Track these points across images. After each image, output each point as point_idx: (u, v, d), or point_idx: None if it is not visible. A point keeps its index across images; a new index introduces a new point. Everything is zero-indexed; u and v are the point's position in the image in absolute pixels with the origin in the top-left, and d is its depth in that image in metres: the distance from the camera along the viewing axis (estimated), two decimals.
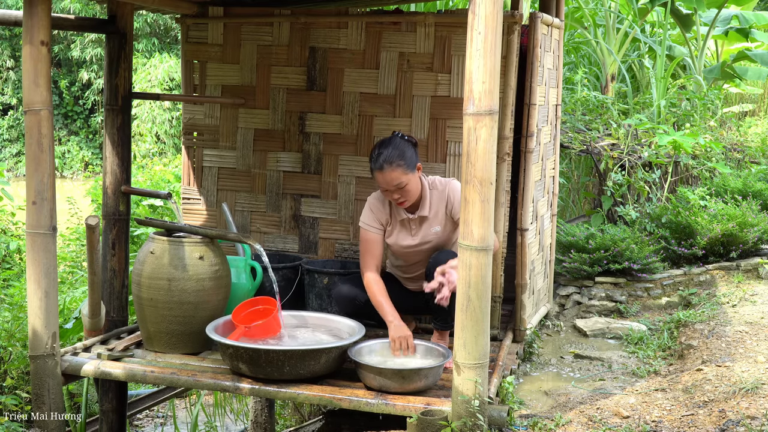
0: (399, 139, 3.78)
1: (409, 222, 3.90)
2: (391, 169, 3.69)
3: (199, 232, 3.86)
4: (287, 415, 5.95)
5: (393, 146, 3.73)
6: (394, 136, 3.81)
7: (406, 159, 3.72)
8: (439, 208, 3.86)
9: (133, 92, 4.36)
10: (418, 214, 3.86)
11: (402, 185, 3.73)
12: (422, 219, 3.88)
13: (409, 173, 3.73)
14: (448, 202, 3.84)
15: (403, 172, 3.71)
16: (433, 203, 3.86)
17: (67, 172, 19.12)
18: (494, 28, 2.91)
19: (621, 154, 6.76)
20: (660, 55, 8.37)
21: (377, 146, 3.77)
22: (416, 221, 3.89)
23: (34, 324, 3.53)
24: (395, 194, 3.76)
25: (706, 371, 3.87)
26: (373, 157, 3.75)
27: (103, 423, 4.38)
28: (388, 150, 3.72)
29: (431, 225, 3.88)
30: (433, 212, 3.86)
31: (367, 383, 3.39)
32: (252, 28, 4.62)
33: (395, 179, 3.71)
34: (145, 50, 18.05)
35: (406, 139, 3.81)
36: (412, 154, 3.76)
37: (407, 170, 3.72)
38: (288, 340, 3.70)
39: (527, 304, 4.44)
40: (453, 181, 3.90)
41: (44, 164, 3.46)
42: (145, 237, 6.69)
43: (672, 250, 5.91)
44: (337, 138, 4.55)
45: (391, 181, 3.71)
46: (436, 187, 3.87)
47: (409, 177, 3.73)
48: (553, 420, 3.49)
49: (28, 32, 3.39)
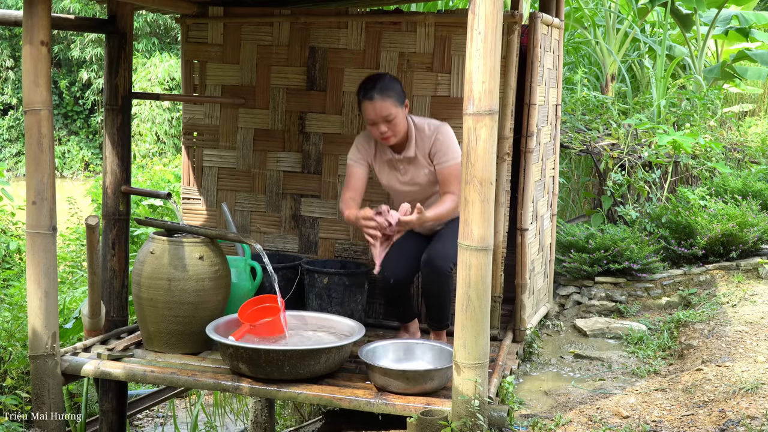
0: (388, 76, 3.84)
1: (397, 162, 3.92)
2: (381, 99, 3.73)
3: (199, 232, 3.86)
4: (287, 415, 5.95)
5: (383, 80, 3.79)
6: (383, 74, 3.87)
7: (396, 93, 3.77)
8: (424, 151, 3.87)
9: (133, 92, 4.36)
10: (404, 155, 3.88)
11: (390, 118, 3.75)
12: (410, 160, 3.90)
13: (398, 107, 3.77)
14: (433, 145, 3.85)
15: (393, 104, 3.75)
16: (419, 145, 3.87)
17: (67, 172, 19.12)
18: (494, 28, 2.91)
19: (621, 154, 6.76)
20: (660, 55, 8.37)
21: (366, 80, 3.82)
22: (404, 162, 3.92)
23: (34, 324, 3.54)
24: (382, 127, 3.77)
25: (706, 371, 3.87)
26: (362, 89, 3.79)
27: (103, 423, 4.38)
28: (379, 83, 3.77)
29: (420, 167, 3.90)
30: (421, 154, 3.88)
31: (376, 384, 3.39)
32: (252, 28, 4.62)
33: (384, 110, 3.73)
34: (145, 50, 18.05)
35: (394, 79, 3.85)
36: (400, 90, 3.81)
37: (396, 103, 3.76)
38: (289, 340, 3.70)
39: (527, 304, 4.44)
40: (443, 125, 3.90)
41: (44, 164, 3.46)
42: (145, 237, 6.69)
43: (672, 250, 5.91)
44: (337, 138, 4.55)
45: (380, 111, 3.73)
46: (423, 129, 3.88)
47: (398, 111, 3.77)
48: (553, 420, 3.49)
49: (28, 32, 3.39)
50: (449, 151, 3.83)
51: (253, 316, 3.72)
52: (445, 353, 3.56)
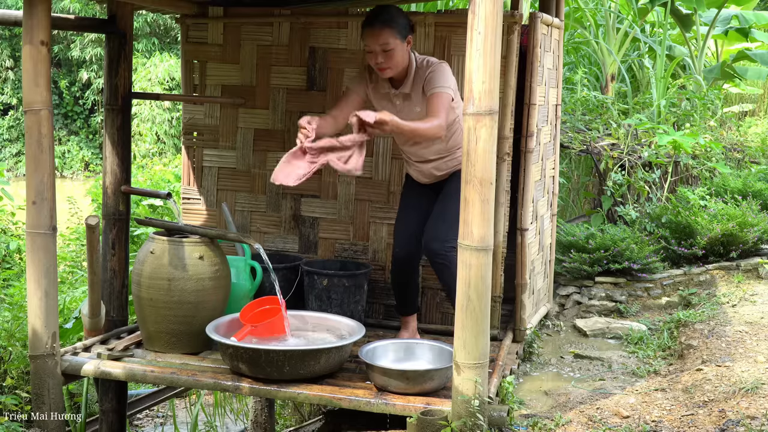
0: (395, 8, 3.73)
1: (393, 97, 3.84)
2: (381, 27, 3.62)
3: (199, 232, 3.86)
4: (287, 415, 5.95)
5: (389, 10, 3.69)
6: (390, 5, 3.75)
7: (399, 25, 3.65)
8: (419, 88, 3.77)
9: (133, 92, 4.36)
10: (401, 91, 3.80)
11: (388, 48, 3.64)
12: (405, 96, 3.81)
13: (398, 39, 3.65)
14: (426, 78, 3.74)
15: (393, 35, 3.63)
16: (416, 81, 3.77)
17: (67, 172, 19.13)
18: (494, 28, 2.91)
19: (621, 154, 6.76)
20: (660, 55, 8.37)
21: (374, 8, 3.73)
22: (399, 97, 3.83)
23: (34, 324, 3.53)
24: (379, 57, 3.67)
25: (706, 371, 3.87)
26: (367, 16, 3.70)
27: (103, 423, 4.38)
28: (384, 11, 3.67)
29: (414, 104, 3.81)
30: (416, 91, 3.78)
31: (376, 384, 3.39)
32: (252, 28, 4.62)
33: (383, 38, 3.62)
34: (145, 50, 18.05)
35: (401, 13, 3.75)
36: (405, 24, 3.70)
37: (397, 36, 3.64)
38: (289, 340, 3.71)
39: (527, 304, 4.44)
40: (441, 63, 3.77)
41: (44, 164, 3.46)
42: (145, 237, 6.69)
43: (672, 250, 5.91)
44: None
45: (378, 38, 3.64)
46: (422, 66, 3.77)
47: (397, 43, 3.65)
48: (553, 420, 3.49)
49: (28, 32, 3.39)
50: (439, 80, 3.68)
51: (255, 318, 3.72)
52: (445, 353, 3.56)
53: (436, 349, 3.63)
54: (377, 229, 4.55)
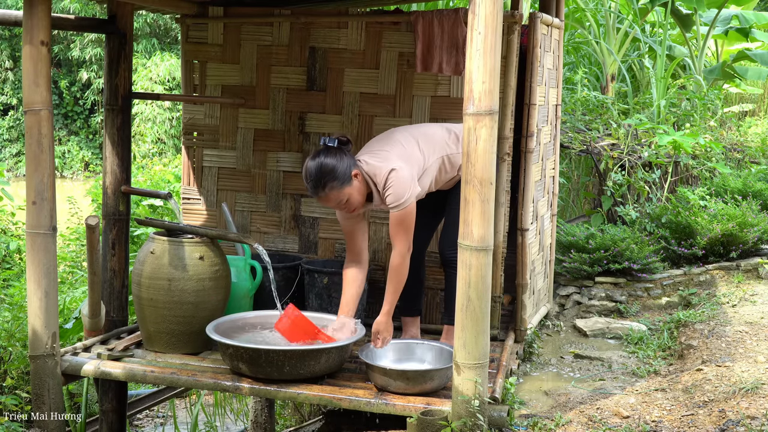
0: (324, 156, 3.49)
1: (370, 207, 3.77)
2: (325, 195, 3.51)
3: (199, 232, 3.86)
4: (287, 415, 5.96)
5: (320, 169, 3.47)
6: (320, 152, 3.52)
7: (338, 176, 3.47)
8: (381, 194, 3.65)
9: (133, 92, 4.36)
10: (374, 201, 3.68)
11: (343, 201, 3.55)
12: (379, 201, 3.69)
13: (345, 188, 3.51)
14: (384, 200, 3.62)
15: (338, 191, 3.50)
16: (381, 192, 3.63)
17: (67, 172, 19.13)
18: (494, 28, 2.91)
19: (621, 154, 6.76)
20: (660, 55, 8.37)
21: (306, 172, 3.52)
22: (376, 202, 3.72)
23: (34, 324, 3.54)
24: (341, 207, 3.62)
25: (706, 371, 3.87)
26: (306, 183, 3.55)
27: (103, 423, 4.38)
28: (313, 180, 3.49)
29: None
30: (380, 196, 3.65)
31: (376, 384, 3.40)
32: (252, 28, 4.62)
33: (332, 200, 3.54)
34: (144, 50, 18.05)
35: (334, 148, 3.53)
36: (343, 166, 3.49)
37: (342, 187, 3.50)
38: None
39: (527, 304, 4.44)
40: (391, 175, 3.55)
41: (44, 164, 3.46)
42: (145, 237, 6.69)
43: (672, 250, 5.91)
44: None
45: (329, 202, 3.56)
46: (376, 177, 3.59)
47: (345, 192, 3.52)
48: (553, 420, 3.49)
49: (28, 32, 3.39)
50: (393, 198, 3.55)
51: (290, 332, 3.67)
52: (445, 353, 3.57)
53: (437, 350, 3.63)
54: (377, 229, 4.55)
